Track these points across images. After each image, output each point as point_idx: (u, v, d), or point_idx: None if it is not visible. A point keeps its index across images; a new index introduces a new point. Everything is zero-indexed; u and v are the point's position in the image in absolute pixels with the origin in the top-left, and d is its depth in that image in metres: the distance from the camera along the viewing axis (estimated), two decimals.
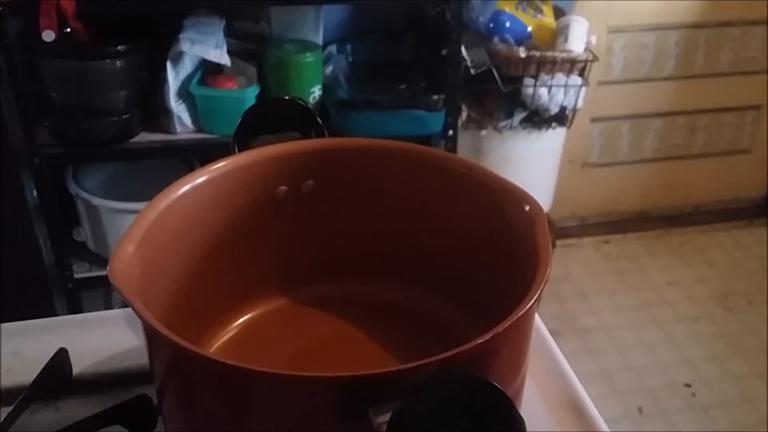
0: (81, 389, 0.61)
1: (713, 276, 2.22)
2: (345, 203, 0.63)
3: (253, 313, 0.63)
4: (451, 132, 1.63)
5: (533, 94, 1.71)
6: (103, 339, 0.66)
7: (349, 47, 1.74)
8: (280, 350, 0.61)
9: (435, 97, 1.60)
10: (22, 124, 1.45)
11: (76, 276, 1.62)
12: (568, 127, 1.84)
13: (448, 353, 0.41)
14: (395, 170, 0.61)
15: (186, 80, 1.53)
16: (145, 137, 1.56)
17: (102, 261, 1.64)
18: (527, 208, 0.53)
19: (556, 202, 2.01)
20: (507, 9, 1.76)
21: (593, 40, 1.76)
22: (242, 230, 0.60)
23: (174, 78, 1.51)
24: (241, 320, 0.62)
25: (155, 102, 1.56)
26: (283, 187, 0.60)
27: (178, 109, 1.54)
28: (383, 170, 0.62)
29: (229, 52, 1.52)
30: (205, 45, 1.50)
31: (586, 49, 1.74)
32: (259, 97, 1.55)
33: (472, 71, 1.68)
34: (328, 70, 1.65)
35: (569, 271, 2.22)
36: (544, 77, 1.70)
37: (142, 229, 0.51)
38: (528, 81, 1.70)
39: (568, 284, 2.17)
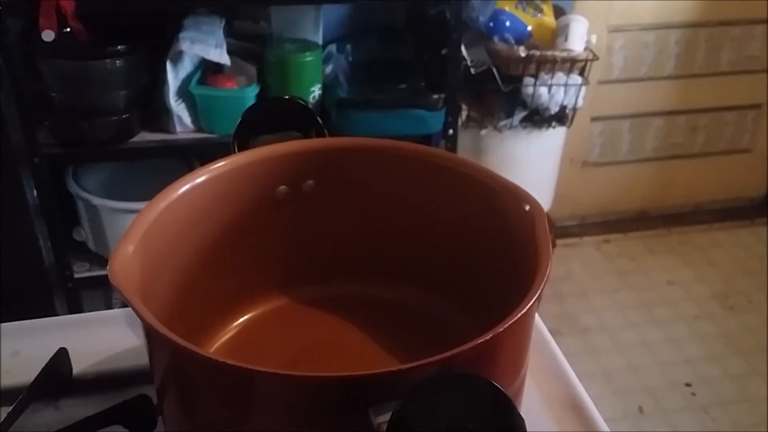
0: (81, 389, 0.61)
1: (713, 275, 2.22)
2: (345, 203, 0.63)
3: (253, 313, 0.63)
4: (451, 131, 1.63)
5: (533, 94, 1.71)
6: (103, 339, 0.66)
7: (349, 47, 1.73)
8: (280, 350, 0.61)
9: (435, 96, 1.59)
10: (22, 124, 1.45)
11: (76, 276, 1.63)
12: (569, 127, 1.84)
13: (448, 353, 0.41)
14: (395, 170, 0.61)
15: (186, 80, 1.53)
16: (145, 137, 1.56)
17: (102, 261, 1.64)
18: (527, 207, 0.53)
19: (556, 201, 2.01)
20: (507, 8, 1.76)
21: (593, 39, 1.76)
22: (242, 230, 0.60)
23: (174, 78, 1.51)
24: (241, 320, 0.62)
25: (155, 102, 1.56)
26: (283, 187, 0.60)
27: (178, 108, 1.54)
28: (383, 170, 0.62)
29: (229, 52, 1.52)
30: (204, 44, 1.50)
31: (586, 49, 1.74)
32: (259, 96, 1.55)
33: (472, 71, 1.68)
34: (328, 69, 1.65)
35: (569, 270, 2.22)
36: (544, 76, 1.70)
37: (142, 229, 0.51)
38: (528, 80, 1.70)
39: (569, 284, 2.17)
